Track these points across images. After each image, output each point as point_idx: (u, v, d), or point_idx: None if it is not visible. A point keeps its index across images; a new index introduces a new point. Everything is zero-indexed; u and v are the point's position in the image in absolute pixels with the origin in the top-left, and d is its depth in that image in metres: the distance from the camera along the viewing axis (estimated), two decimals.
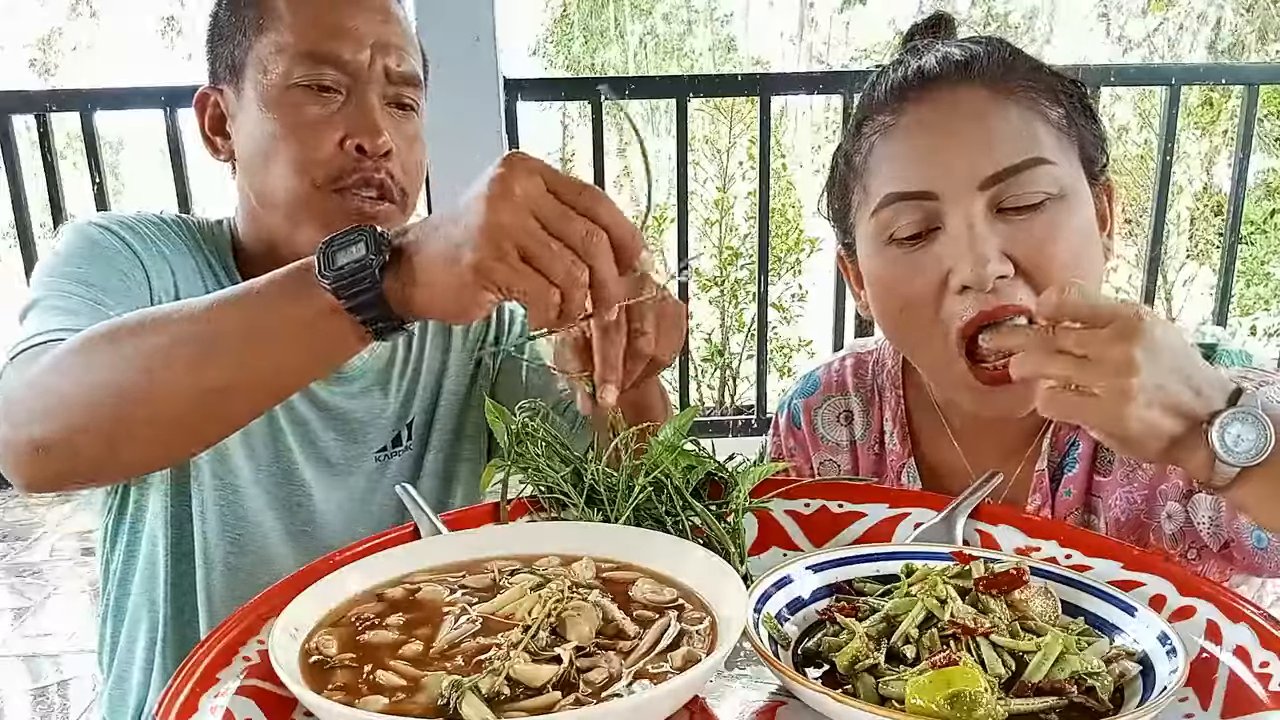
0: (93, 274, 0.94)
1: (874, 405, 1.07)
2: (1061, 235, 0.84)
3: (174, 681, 0.60)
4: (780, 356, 5.78)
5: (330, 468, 1.11)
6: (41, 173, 2.54)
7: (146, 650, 1.09)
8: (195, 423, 0.78)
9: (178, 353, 0.74)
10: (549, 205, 0.65)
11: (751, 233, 5.65)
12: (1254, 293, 6.35)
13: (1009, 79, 0.86)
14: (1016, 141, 0.84)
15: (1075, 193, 0.86)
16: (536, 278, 0.66)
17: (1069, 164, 0.86)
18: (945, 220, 0.85)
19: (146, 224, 1.04)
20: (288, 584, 0.72)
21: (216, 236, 1.10)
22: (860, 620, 0.67)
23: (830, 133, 8.54)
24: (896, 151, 0.88)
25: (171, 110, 2.48)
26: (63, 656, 2.61)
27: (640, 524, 0.80)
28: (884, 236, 0.88)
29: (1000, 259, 0.82)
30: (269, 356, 0.75)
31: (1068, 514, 0.95)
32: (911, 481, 1.03)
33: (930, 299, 0.86)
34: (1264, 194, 6.75)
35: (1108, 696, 0.60)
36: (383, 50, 1.01)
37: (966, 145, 0.84)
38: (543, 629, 0.62)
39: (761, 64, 10.14)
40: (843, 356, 1.12)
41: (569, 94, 3.09)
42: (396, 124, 1.03)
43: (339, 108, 1.00)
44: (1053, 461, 0.96)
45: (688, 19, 10.52)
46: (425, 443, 1.18)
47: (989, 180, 0.83)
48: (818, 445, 1.10)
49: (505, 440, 0.87)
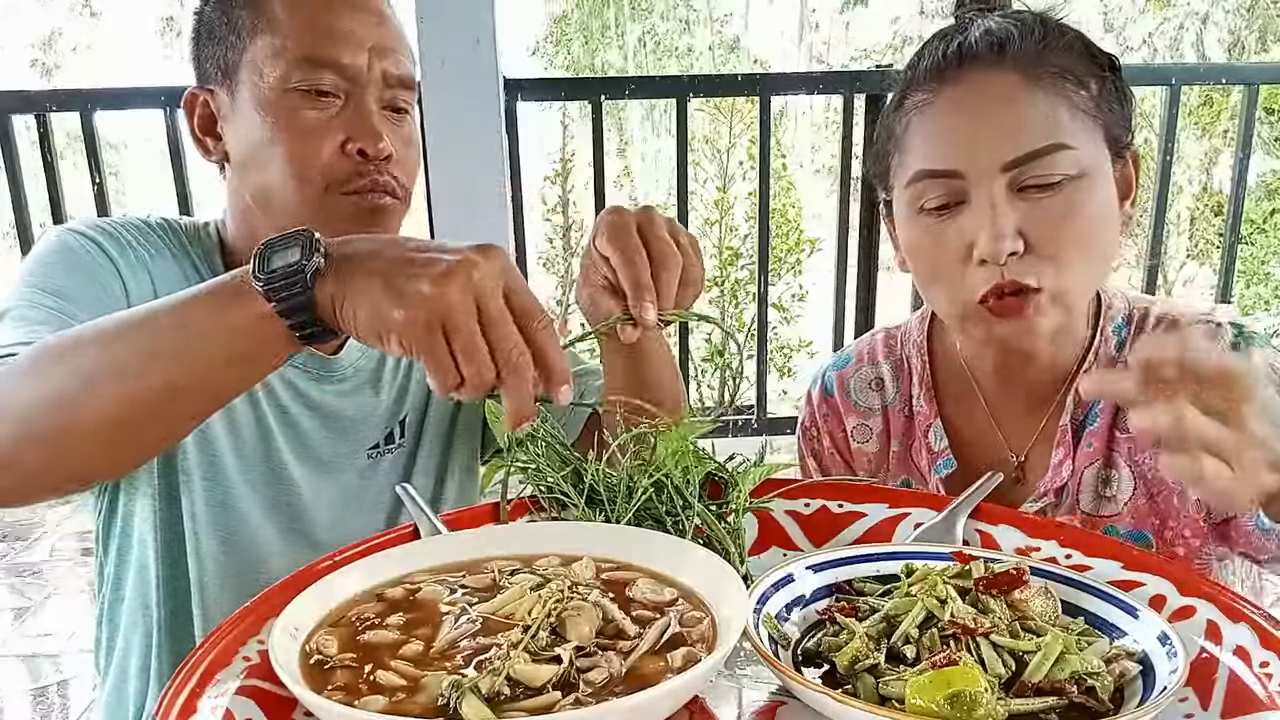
0: (65, 283, 0.94)
1: (903, 372, 1.14)
2: (1076, 215, 0.91)
3: (174, 681, 0.60)
4: (780, 356, 5.79)
5: (321, 466, 1.11)
6: (41, 173, 2.54)
7: (143, 654, 1.09)
8: (135, 430, 0.77)
9: (116, 360, 0.74)
10: (495, 307, 0.67)
11: (751, 233, 5.66)
12: (1254, 293, 6.36)
13: (1041, 63, 0.92)
14: (1040, 127, 0.90)
15: (1094, 173, 0.92)
16: (448, 359, 0.67)
17: (1091, 145, 0.92)
18: (970, 196, 0.92)
19: (128, 229, 1.03)
20: (288, 584, 0.72)
21: (203, 239, 1.10)
22: (860, 620, 0.67)
23: (830, 132, 8.55)
24: (930, 130, 0.95)
25: (171, 110, 2.48)
26: (63, 656, 2.62)
27: (640, 524, 0.80)
28: (915, 206, 0.97)
29: (1015, 237, 0.90)
30: (203, 361, 0.74)
31: (1088, 464, 1.01)
32: (938, 440, 1.09)
33: (955, 266, 0.94)
34: (1263, 194, 6.76)
35: (1108, 696, 0.60)
36: (380, 54, 1.01)
37: (993, 129, 0.91)
38: (543, 629, 0.62)
39: (761, 64, 10.15)
40: (874, 333, 1.20)
41: (569, 94, 3.09)
42: (394, 127, 1.04)
43: (337, 112, 1.00)
44: (1075, 418, 1.02)
45: (688, 18, 10.52)
46: (418, 440, 1.18)
47: (1011, 163, 0.90)
48: (850, 410, 1.16)
49: (505, 440, 0.87)
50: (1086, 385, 0.72)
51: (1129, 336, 1.02)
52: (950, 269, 0.95)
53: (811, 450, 1.20)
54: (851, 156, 2.69)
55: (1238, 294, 5.97)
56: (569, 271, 5.85)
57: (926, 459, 1.09)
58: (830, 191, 6.35)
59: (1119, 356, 1.01)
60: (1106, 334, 1.02)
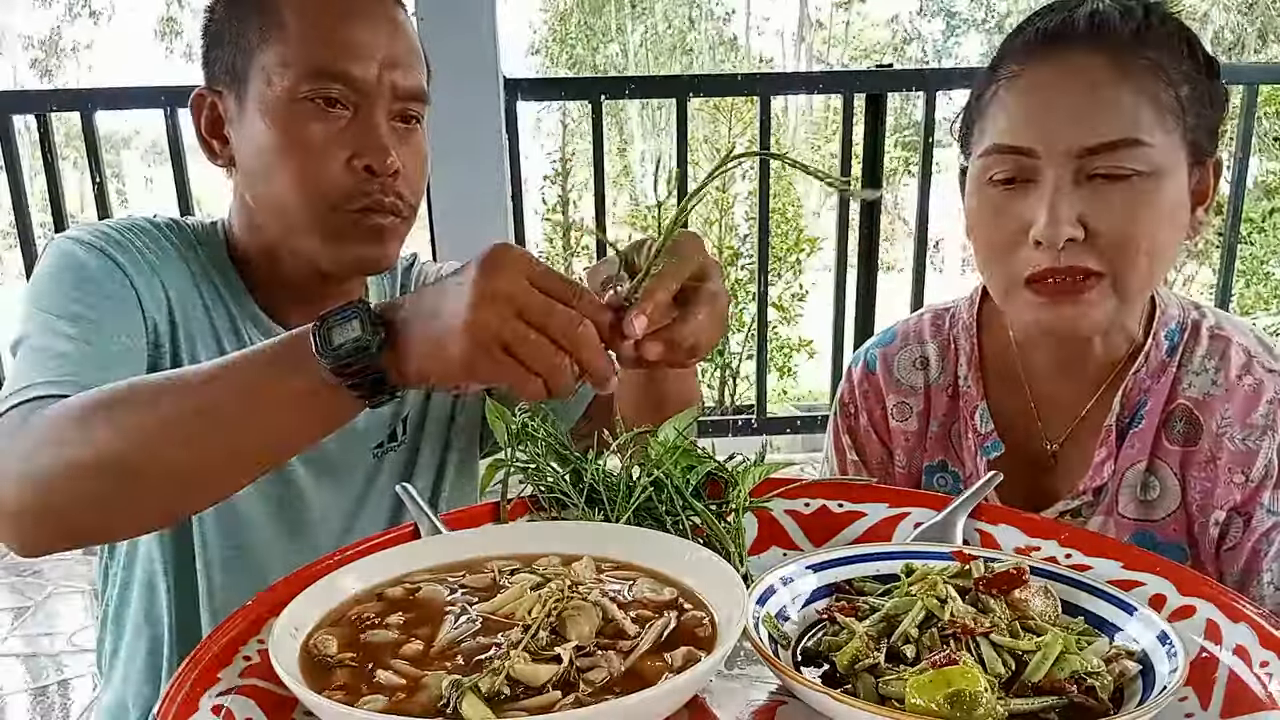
0: (80, 306, 0.93)
1: (949, 353, 1.14)
2: (1139, 212, 0.90)
3: (174, 681, 0.60)
4: (780, 356, 5.78)
5: (328, 467, 1.11)
6: (42, 173, 2.54)
7: (147, 661, 1.09)
8: (196, 491, 0.79)
9: (176, 426, 0.75)
10: (534, 301, 0.67)
11: (751, 233, 5.65)
12: (1254, 292, 6.35)
13: (1135, 52, 0.91)
14: (1119, 119, 0.90)
15: (1167, 172, 0.91)
16: (517, 369, 0.67)
17: (1169, 145, 0.91)
18: (1039, 175, 0.92)
19: (136, 234, 1.02)
20: (288, 584, 0.72)
21: (211, 239, 1.09)
22: (860, 620, 0.67)
23: (830, 132, 8.56)
24: (1011, 105, 0.95)
25: (172, 110, 2.48)
26: (63, 656, 2.61)
27: (640, 524, 0.80)
28: (985, 177, 0.97)
29: (1075, 224, 0.90)
30: (267, 430, 0.76)
31: (1130, 465, 1.01)
32: (984, 423, 1.09)
33: (1011, 243, 0.95)
34: (1262, 194, 6.75)
35: (1108, 696, 0.60)
36: (391, 65, 0.99)
37: (1072, 114, 0.91)
38: (543, 629, 0.62)
39: (762, 64, 10.15)
40: (920, 313, 1.20)
41: (569, 94, 3.09)
42: (402, 139, 1.02)
43: (346, 124, 0.98)
44: (1121, 419, 1.02)
45: (689, 16, 10.52)
46: (419, 438, 1.18)
47: (1084, 150, 0.90)
48: (892, 388, 1.15)
49: (505, 440, 0.87)
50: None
51: (1181, 344, 1.02)
52: (1006, 245, 0.95)
53: (848, 427, 1.19)
54: (851, 156, 2.69)
55: (1237, 294, 5.97)
56: (569, 271, 5.86)
57: (972, 440, 1.09)
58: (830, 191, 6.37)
59: (1169, 361, 1.01)
60: (1159, 339, 1.01)
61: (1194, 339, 1.02)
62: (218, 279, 1.06)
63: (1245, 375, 0.98)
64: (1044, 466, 1.07)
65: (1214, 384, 0.99)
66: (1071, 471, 1.05)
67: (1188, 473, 0.99)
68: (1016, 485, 0.88)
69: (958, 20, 18.04)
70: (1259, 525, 0.96)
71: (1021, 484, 0.87)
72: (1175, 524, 1.00)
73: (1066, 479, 1.05)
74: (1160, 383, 1.00)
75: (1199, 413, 0.99)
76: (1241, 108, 2.68)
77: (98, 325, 0.92)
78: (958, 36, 18.73)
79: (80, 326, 0.91)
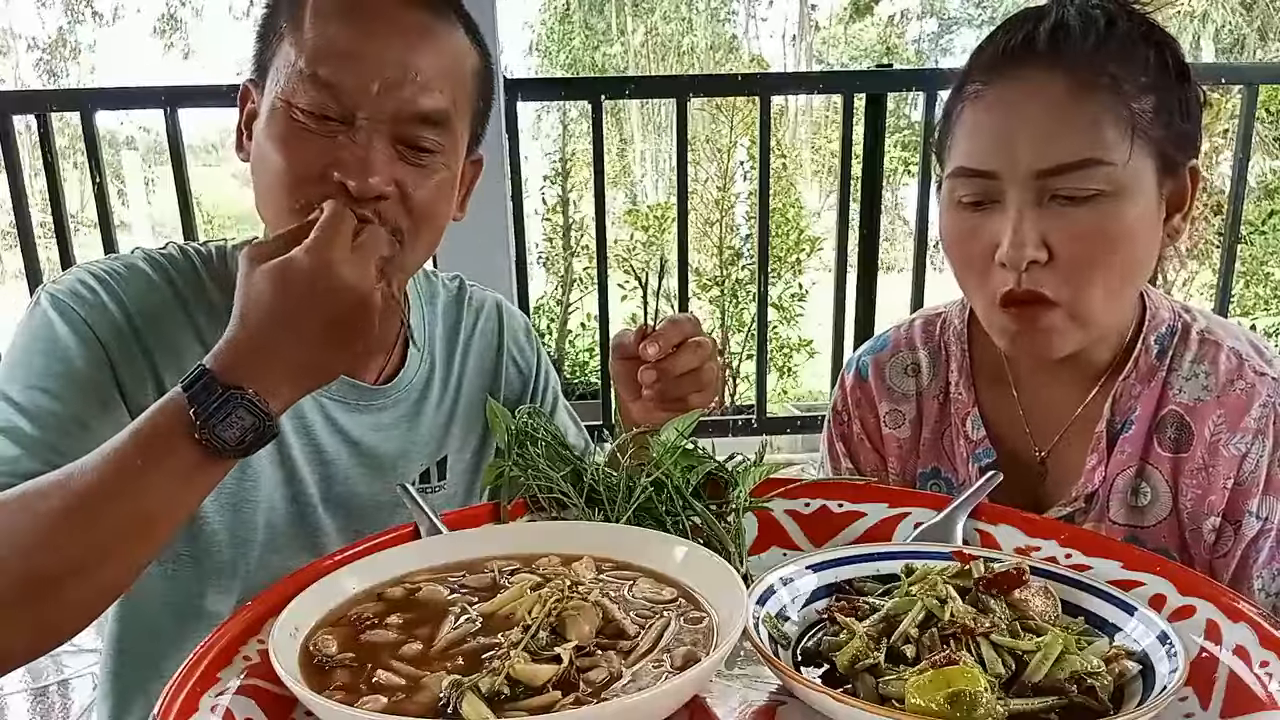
0: (47, 378, 0.89)
1: (941, 359, 1.14)
2: (1103, 231, 0.90)
3: (175, 681, 0.60)
4: (780, 356, 5.78)
5: (354, 511, 1.07)
6: (42, 173, 2.54)
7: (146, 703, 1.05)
8: (86, 585, 0.77)
9: (56, 528, 0.74)
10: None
11: (752, 233, 5.65)
12: (1254, 293, 6.34)
13: (1096, 68, 0.90)
14: (1078, 139, 0.89)
15: (1131, 189, 0.90)
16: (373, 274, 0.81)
17: (1135, 159, 0.90)
18: (1004, 197, 0.93)
19: (122, 282, 0.96)
20: (288, 584, 0.72)
21: (216, 268, 1.02)
22: (860, 620, 0.67)
23: (830, 133, 8.56)
24: (973, 127, 0.96)
25: (172, 110, 2.48)
26: (63, 656, 2.61)
27: (640, 524, 0.80)
28: (954, 198, 0.98)
29: (1038, 246, 0.90)
30: (144, 513, 0.76)
31: (1121, 471, 1.01)
32: (976, 429, 1.09)
33: (982, 263, 0.96)
34: (1262, 194, 6.75)
35: (1108, 696, 0.60)
36: (396, 84, 0.90)
37: (1033, 135, 0.90)
38: (543, 629, 0.62)
39: (762, 64, 10.15)
40: (912, 319, 1.19)
41: (569, 94, 3.09)
42: (406, 166, 0.92)
43: (336, 137, 0.90)
44: (1112, 425, 1.02)
45: (688, 17, 10.52)
46: (459, 484, 1.15)
47: (1044, 172, 0.90)
48: (885, 395, 1.15)
49: (505, 440, 0.87)
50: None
51: (1170, 347, 1.01)
52: (978, 265, 0.96)
53: (841, 434, 1.19)
54: (851, 156, 2.69)
55: (1237, 294, 5.96)
56: (569, 271, 5.85)
57: (964, 446, 1.09)
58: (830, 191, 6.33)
59: (1158, 366, 1.01)
60: (1149, 343, 1.01)
61: (1183, 343, 1.01)
62: (222, 310, 0.96)
63: (1236, 380, 0.97)
64: (1035, 473, 1.06)
65: (1205, 389, 0.99)
66: (1063, 478, 1.04)
67: (1180, 480, 0.99)
68: (1009, 491, 0.87)
69: (956, 19, 18.02)
70: (1248, 532, 0.95)
71: (1014, 490, 0.86)
72: (1166, 530, 0.99)
73: (1058, 485, 1.05)
74: (1150, 387, 1.00)
75: (1190, 419, 0.98)
76: (1242, 108, 2.68)
77: (60, 397, 0.88)
78: (952, 35, 18.70)
79: (46, 399, 0.88)
